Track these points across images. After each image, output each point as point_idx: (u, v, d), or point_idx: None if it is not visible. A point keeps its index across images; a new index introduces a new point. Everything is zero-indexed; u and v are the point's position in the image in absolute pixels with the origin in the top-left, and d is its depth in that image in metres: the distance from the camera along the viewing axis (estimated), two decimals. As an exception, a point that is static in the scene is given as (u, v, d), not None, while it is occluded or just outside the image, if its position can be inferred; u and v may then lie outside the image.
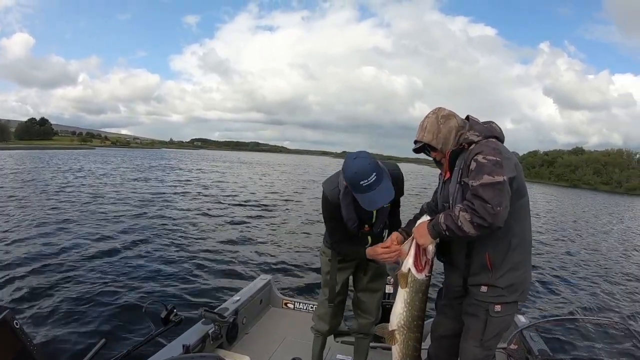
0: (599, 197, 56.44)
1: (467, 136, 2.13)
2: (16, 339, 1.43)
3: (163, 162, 54.06)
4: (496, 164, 1.94)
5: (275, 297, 4.40)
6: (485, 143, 2.07)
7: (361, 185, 2.12)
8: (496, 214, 1.86)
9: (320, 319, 2.92)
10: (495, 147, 2.02)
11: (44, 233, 9.68)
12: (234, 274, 7.51)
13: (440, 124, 2.15)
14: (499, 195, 1.88)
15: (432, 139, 2.16)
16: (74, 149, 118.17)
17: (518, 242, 2.11)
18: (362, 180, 2.11)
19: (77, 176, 26.86)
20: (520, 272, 2.13)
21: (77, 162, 45.34)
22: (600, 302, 7.68)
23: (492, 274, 2.10)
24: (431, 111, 2.21)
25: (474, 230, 1.90)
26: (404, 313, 2.07)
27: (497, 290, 2.11)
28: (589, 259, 11.89)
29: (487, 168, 1.94)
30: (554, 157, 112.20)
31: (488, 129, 2.16)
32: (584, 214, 28.75)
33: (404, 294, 2.07)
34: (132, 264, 7.59)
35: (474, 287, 2.18)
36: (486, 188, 1.90)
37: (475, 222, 1.88)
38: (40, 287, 6.18)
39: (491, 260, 2.09)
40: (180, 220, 12.59)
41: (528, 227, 2.19)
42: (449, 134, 2.15)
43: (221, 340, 3.29)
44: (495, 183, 1.90)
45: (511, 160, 2.01)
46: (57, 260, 7.59)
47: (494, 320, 2.14)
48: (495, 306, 2.12)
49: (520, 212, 2.10)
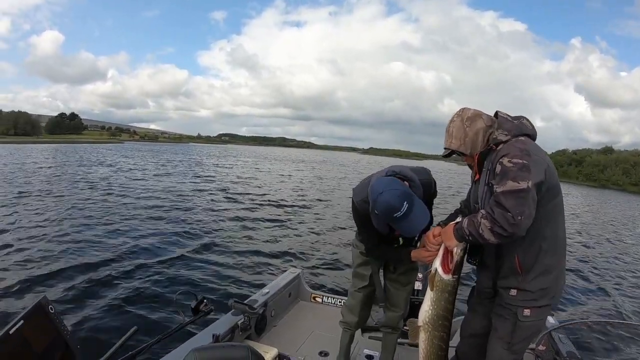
0: (629, 198, 55.10)
1: (496, 136, 2.05)
2: (51, 324, 1.45)
3: (192, 158, 54.64)
4: (522, 167, 1.86)
5: (304, 290, 4.39)
6: (513, 143, 1.98)
7: (395, 218, 2.07)
8: (516, 224, 1.81)
9: (350, 311, 2.93)
10: (524, 148, 1.93)
11: (78, 225, 9.89)
12: (264, 267, 7.55)
13: (467, 127, 2.08)
14: (521, 204, 1.82)
15: (460, 145, 2.10)
16: (103, 142, 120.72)
17: (549, 245, 2.03)
18: (395, 213, 2.05)
19: (108, 170, 27.42)
20: (552, 275, 2.05)
21: (109, 156, 46.27)
22: (633, 307, 7.47)
23: (522, 277, 2.05)
24: (456, 113, 2.14)
25: (494, 239, 1.87)
26: (429, 311, 2.10)
27: (527, 294, 2.05)
28: (621, 261, 11.64)
29: (512, 173, 1.86)
30: (583, 157, 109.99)
31: (518, 127, 2.05)
32: (616, 215, 28.08)
33: (431, 293, 2.09)
34: (164, 256, 7.69)
35: (504, 289, 2.14)
36: (508, 196, 1.84)
37: (495, 231, 1.85)
38: (75, 276, 6.30)
39: (521, 263, 2.04)
40: (212, 214, 12.70)
41: (561, 228, 2.10)
42: (476, 137, 2.07)
43: (250, 331, 3.30)
44: (518, 190, 1.83)
45: (541, 162, 1.92)
46: (91, 250, 7.75)
47: (522, 325, 2.09)
48: (525, 310, 2.06)
49: (552, 214, 2.01)
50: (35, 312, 1.40)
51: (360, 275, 2.82)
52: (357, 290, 2.85)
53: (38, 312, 1.41)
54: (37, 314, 1.41)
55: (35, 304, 1.41)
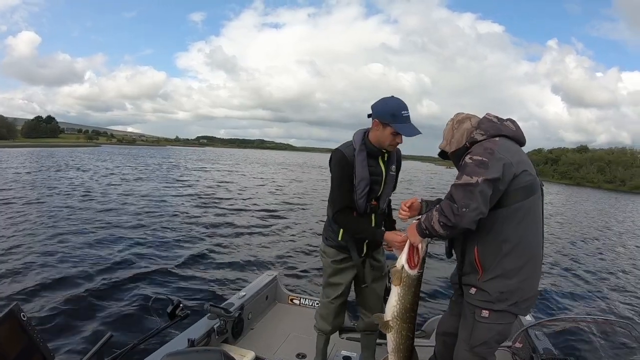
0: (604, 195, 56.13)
1: (473, 135, 2.12)
2: (23, 331, 1.44)
3: (167, 160, 54.05)
4: (480, 164, 1.92)
5: (281, 293, 4.40)
6: (482, 143, 2.04)
7: (402, 115, 2.32)
8: (460, 215, 1.87)
9: (323, 319, 2.91)
10: (489, 147, 1.97)
11: (49, 230, 9.72)
12: (241, 270, 7.51)
13: (454, 129, 2.19)
14: (468, 197, 1.88)
15: (446, 145, 2.22)
16: (80, 146, 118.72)
17: (512, 249, 2.00)
18: (403, 110, 2.32)
19: (82, 175, 26.93)
20: (514, 281, 2.01)
21: (82, 160, 45.45)
22: (609, 302, 7.59)
23: (480, 276, 2.07)
24: (450, 118, 2.27)
25: (442, 230, 1.95)
26: (397, 305, 2.16)
27: (484, 294, 2.07)
28: (597, 258, 11.74)
29: (469, 168, 1.93)
30: (558, 155, 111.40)
31: (496, 127, 2.09)
32: (591, 212, 28.52)
33: (398, 288, 2.16)
34: (138, 260, 7.60)
35: (466, 286, 2.18)
36: (458, 188, 1.92)
37: (441, 221, 1.94)
38: (47, 282, 6.19)
39: (480, 261, 2.06)
40: (187, 219, 12.56)
41: (531, 233, 2.05)
42: (461, 138, 2.16)
43: (226, 335, 3.30)
44: (467, 184, 1.89)
45: (503, 160, 1.92)
46: (63, 256, 7.61)
47: (480, 326, 2.10)
48: (483, 311, 2.08)
49: (517, 216, 1.99)
50: (7, 319, 1.39)
51: (334, 284, 2.79)
52: (330, 301, 2.82)
53: (10, 319, 1.40)
54: (9, 321, 1.40)
55: (6, 311, 1.40)
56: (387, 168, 2.56)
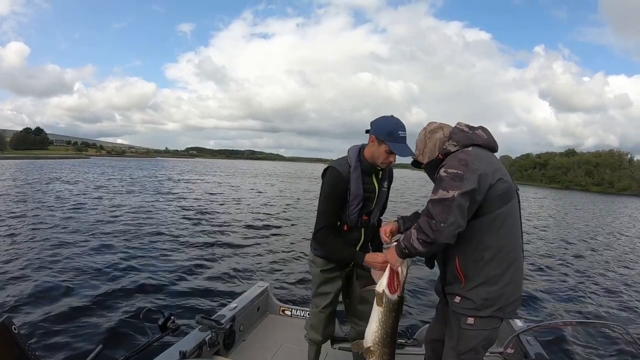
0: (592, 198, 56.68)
1: (445, 146, 2.13)
2: (14, 344, 1.44)
3: (156, 172, 53.80)
4: (455, 177, 1.92)
5: (272, 304, 4.38)
6: (456, 154, 2.04)
7: (398, 135, 2.33)
8: (439, 230, 1.87)
9: (313, 329, 2.91)
10: (462, 158, 1.97)
11: (39, 243, 9.63)
12: (232, 281, 7.48)
13: (427, 139, 2.20)
14: (446, 212, 1.87)
15: (419, 155, 2.24)
16: (69, 158, 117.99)
17: (493, 255, 2.01)
18: (400, 130, 2.34)
19: (71, 187, 26.79)
20: (497, 287, 2.02)
21: (71, 172, 45.21)
22: (599, 305, 7.65)
23: (463, 285, 2.08)
24: (423, 127, 2.28)
25: (421, 247, 1.95)
26: (378, 331, 2.15)
27: (469, 302, 2.06)
28: (585, 261, 11.85)
29: (444, 182, 1.93)
30: (546, 160, 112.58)
31: (468, 137, 2.11)
32: (579, 215, 28.76)
33: (379, 313, 2.14)
34: (129, 272, 7.54)
35: (450, 296, 2.17)
36: (435, 204, 1.92)
37: (420, 239, 1.94)
38: (38, 294, 6.14)
39: (462, 271, 2.06)
40: (176, 230, 12.50)
41: (511, 239, 2.07)
42: (434, 148, 2.18)
43: (218, 347, 3.29)
44: (444, 199, 1.89)
45: (477, 171, 1.92)
46: (54, 268, 7.55)
47: (466, 333, 2.09)
48: (468, 318, 2.08)
49: (496, 224, 2.00)
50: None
51: (323, 294, 2.80)
52: (320, 310, 2.82)
53: (1, 332, 1.40)
54: (0, 334, 1.40)
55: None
56: (380, 185, 2.60)
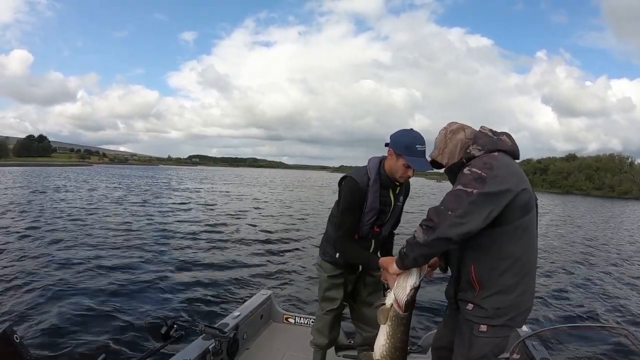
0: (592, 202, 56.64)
1: (470, 150, 2.07)
2: (16, 353, 1.43)
3: (159, 181, 53.93)
4: (478, 178, 1.86)
5: (276, 312, 4.35)
6: (481, 157, 1.99)
7: (416, 149, 2.30)
8: (445, 216, 1.83)
9: (319, 333, 2.91)
10: (488, 162, 1.92)
11: (41, 251, 9.64)
12: (235, 289, 7.45)
13: (448, 139, 2.14)
14: (456, 202, 1.84)
15: (438, 155, 2.17)
16: (71, 165, 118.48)
17: (510, 265, 1.97)
18: (418, 144, 2.30)
19: (73, 195, 26.91)
20: (512, 296, 1.99)
21: (76, 180, 45.58)
22: (606, 311, 7.59)
23: (477, 293, 2.03)
24: (443, 127, 2.20)
25: (422, 235, 1.88)
26: (386, 344, 2.08)
27: (482, 310, 2.02)
28: (592, 266, 11.77)
29: (465, 179, 1.89)
30: (547, 165, 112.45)
31: (493, 142, 2.05)
32: (582, 219, 28.72)
33: (387, 327, 2.07)
34: (132, 281, 7.52)
35: (462, 302, 2.14)
36: (450, 194, 1.89)
37: (423, 225, 1.89)
38: (41, 303, 6.14)
39: (477, 278, 2.02)
40: (179, 238, 12.49)
41: (528, 249, 2.03)
42: (455, 148, 2.12)
43: (221, 355, 3.26)
44: (460, 191, 1.86)
45: (502, 178, 1.87)
46: (57, 276, 7.54)
47: (478, 340, 2.05)
48: (481, 326, 2.03)
49: (515, 234, 1.95)
50: (0, 341, 1.39)
51: (330, 298, 2.82)
52: (325, 313, 2.84)
53: (3, 341, 1.39)
54: (2, 342, 1.39)
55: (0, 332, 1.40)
56: (396, 199, 2.60)
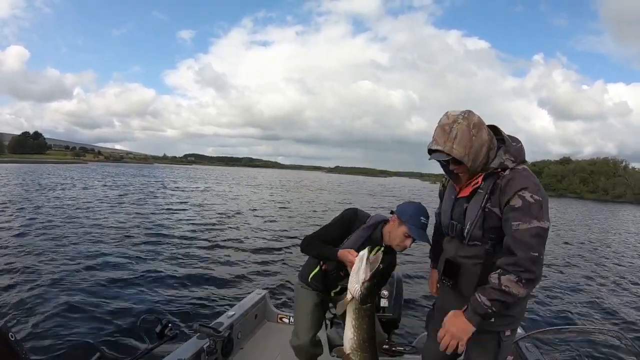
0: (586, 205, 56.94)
1: (503, 160, 1.87)
2: (12, 351, 1.43)
3: (154, 179, 53.75)
4: (542, 206, 1.76)
5: (270, 311, 4.36)
6: (522, 173, 1.85)
7: (420, 221, 2.40)
8: (540, 264, 1.72)
9: (294, 334, 2.93)
10: (536, 183, 1.81)
11: (35, 250, 9.58)
12: (229, 289, 7.46)
13: (473, 136, 1.82)
14: (541, 243, 1.73)
15: (464, 155, 1.83)
16: (66, 163, 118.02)
17: None
18: (422, 216, 2.41)
19: (67, 193, 26.77)
20: (524, 304, 2.06)
21: (69, 177, 45.16)
22: (597, 311, 7.68)
23: None
24: (460, 114, 1.85)
25: (523, 290, 1.73)
26: (354, 337, 2.07)
27: (508, 318, 1.97)
28: (585, 268, 11.88)
29: (535, 211, 1.74)
30: (541, 168, 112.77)
31: (521, 153, 1.92)
32: (575, 222, 28.84)
33: (352, 320, 2.06)
34: (127, 280, 7.51)
35: None
36: (532, 236, 1.72)
37: (523, 278, 1.71)
38: (35, 302, 6.12)
39: None
40: (174, 237, 12.46)
41: None
42: (480, 150, 1.85)
43: (216, 355, 3.26)
44: (541, 230, 1.73)
45: (546, 200, 1.80)
46: (51, 275, 7.51)
47: (505, 345, 2.02)
48: (506, 331, 2.01)
49: None
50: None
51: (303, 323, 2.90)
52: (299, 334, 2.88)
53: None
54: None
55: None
56: None
